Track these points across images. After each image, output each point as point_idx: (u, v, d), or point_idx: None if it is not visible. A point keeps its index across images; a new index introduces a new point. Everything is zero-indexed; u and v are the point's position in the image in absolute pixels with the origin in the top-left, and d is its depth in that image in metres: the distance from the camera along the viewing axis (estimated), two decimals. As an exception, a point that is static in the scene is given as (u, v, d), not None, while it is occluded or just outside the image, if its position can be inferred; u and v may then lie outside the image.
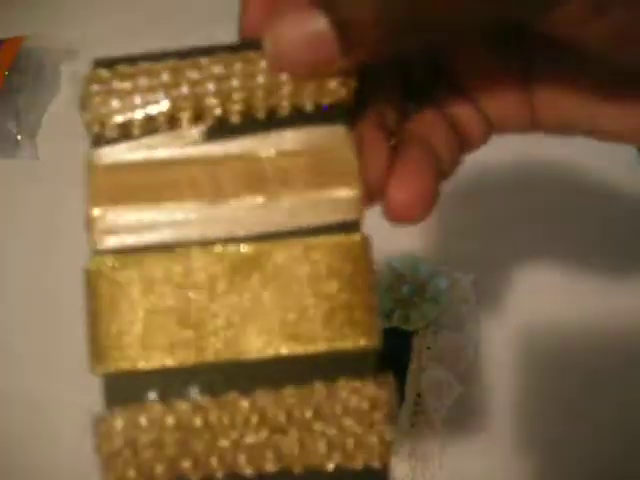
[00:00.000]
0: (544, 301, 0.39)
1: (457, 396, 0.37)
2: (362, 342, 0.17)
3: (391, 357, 0.38)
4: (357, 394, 0.17)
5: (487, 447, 0.36)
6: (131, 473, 0.17)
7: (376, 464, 0.17)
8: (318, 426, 0.17)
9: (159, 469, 0.17)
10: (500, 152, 0.43)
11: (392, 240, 0.42)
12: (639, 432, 0.36)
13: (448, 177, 0.20)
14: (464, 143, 0.21)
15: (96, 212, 0.17)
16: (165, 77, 0.18)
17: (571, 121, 0.21)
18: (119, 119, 0.17)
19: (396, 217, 0.18)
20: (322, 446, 0.17)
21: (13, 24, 0.54)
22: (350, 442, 0.17)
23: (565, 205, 0.42)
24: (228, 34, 0.19)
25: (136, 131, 0.18)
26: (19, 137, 0.48)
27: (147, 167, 0.18)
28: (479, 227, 0.42)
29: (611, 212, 0.42)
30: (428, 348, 0.38)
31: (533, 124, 0.21)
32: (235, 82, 0.17)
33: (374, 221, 0.18)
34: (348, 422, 0.17)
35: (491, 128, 0.21)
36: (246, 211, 0.17)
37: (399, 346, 0.38)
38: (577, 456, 0.35)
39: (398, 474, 0.35)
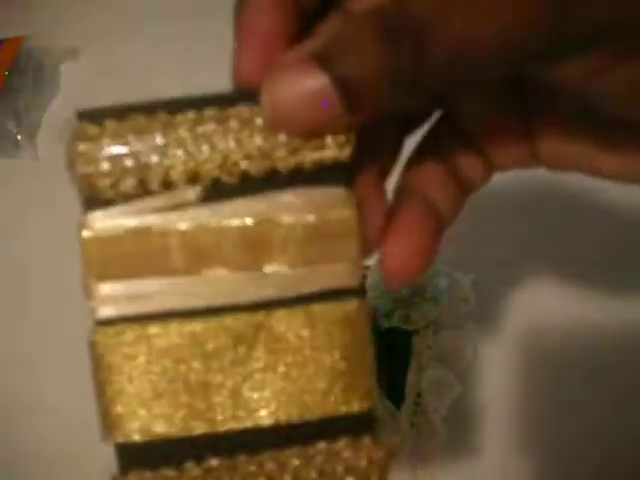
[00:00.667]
0: (544, 301, 0.39)
1: (457, 396, 0.37)
2: (361, 406, 0.18)
3: (391, 357, 0.38)
4: (356, 453, 0.18)
5: (487, 447, 0.36)
6: None
7: None
8: None
9: None
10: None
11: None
12: (639, 432, 0.36)
13: (449, 225, 0.20)
14: (465, 186, 0.21)
15: (93, 283, 0.17)
16: (157, 136, 0.17)
17: (572, 164, 0.21)
18: (110, 181, 0.17)
19: (395, 282, 0.19)
20: None
21: (13, 24, 0.54)
22: None
23: (566, 205, 0.42)
24: (229, 31, 0.18)
25: (129, 192, 0.17)
26: (19, 137, 0.48)
27: (142, 235, 0.17)
28: (479, 227, 0.42)
29: (612, 212, 0.42)
30: (428, 348, 0.38)
31: (534, 164, 0.21)
32: (231, 143, 0.17)
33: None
34: (349, 479, 0.18)
35: (492, 169, 0.21)
36: (245, 279, 0.17)
37: (399, 346, 0.38)
38: (577, 456, 0.35)
39: (398, 474, 0.35)
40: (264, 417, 0.18)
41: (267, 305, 0.18)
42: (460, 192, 0.21)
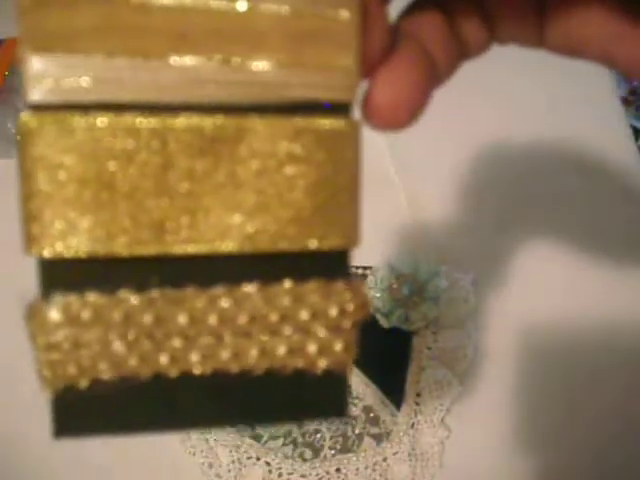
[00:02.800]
0: (544, 300, 0.39)
1: (457, 396, 0.37)
2: (339, 243, 0.15)
3: (391, 357, 0.38)
4: (326, 299, 0.15)
5: (487, 446, 0.36)
6: (71, 369, 0.15)
7: (337, 370, 0.16)
8: (282, 330, 0.15)
9: (103, 366, 0.15)
10: (500, 151, 0.43)
11: (392, 240, 0.43)
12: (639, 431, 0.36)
13: (442, 83, 0.18)
14: (462, 48, 0.19)
15: (29, 56, 0.14)
16: None
17: (581, 40, 0.18)
18: None
19: (379, 119, 0.16)
20: (283, 350, 0.15)
21: (13, 24, 0.54)
22: (313, 347, 0.16)
23: (566, 204, 0.42)
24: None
25: None
26: (19, 137, 0.48)
27: (98, 3, 0.14)
28: (479, 227, 0.42)
29: (613, 212, 0.42)
30: (428, 348, 0.38)
31: (540, 39, 0.19)
32: None
33: (373, 222, 0.18)
34: (314, 327, 0.15)
35: (492, 36, 0.19)
36: (216, 74, 0.14)
37: (399, 346, 0.38)
38: (577, 455, 0.36)
39: (398, 474, 0.35)
40: (223, 243, 0.15)
41: (243, 109, 0.15)
42: (456, 52, 0.19)
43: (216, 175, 0.15)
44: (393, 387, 0.37)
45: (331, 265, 0.16)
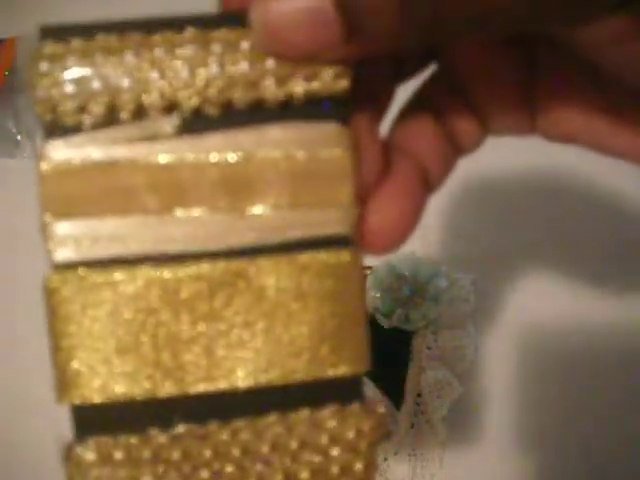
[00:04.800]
0: (544, 301, 0.39)
1: (457, 396, 0.37)
2: (350, 370, 0.16)
3: (391, 357, 0.38)
4: (343, 423, 0.16)
5: (487, 447, 0.36)
6: None
7: None
8: (303, 456, 0.16)
9: None
10: (501, 152, 0.43)
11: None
12: (639, 433, 0.36)
13: (437, 189, 0.19)
14: (457, 147, 0.19)
15: (50, 220, 0.15)
16: (129, 58, 0.15)
17: (573, 135, 0.19)
18: (74, 106, 0.15)
19: (373, 245, 0.17)
20: (306, 474, 0.16)
21: (13, 24, 0.54)
22: (335, 469, 0.16)
23: (566, 205, 0.42)
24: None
25: (95, 121, 0.15)
26: (19, 137, 0.48)
27: (108, 168, 0.15)
28: (479, 227, 0.42)
29: (613, 212, 0.42)
30: (428, 348, 0.38)
31: (533, 129, 0.20)
32: (213, 68, 0.15)
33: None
34: (334, 451, 0.16)
35: (486, 131, 0.20)
36: (221, 222, 0.15)
37: (399, 346, 0.38)
38: (577, 456, 0.35)
39: (398, 474, 0.35)
40: (240, 379, 0.16)
41: (248, 252, 0.15)
42: (451, 152, 0.19)
43: (227, 316, 0.16)
44: (393, 387, 0.37)
45: (345, 390, 0.16)
